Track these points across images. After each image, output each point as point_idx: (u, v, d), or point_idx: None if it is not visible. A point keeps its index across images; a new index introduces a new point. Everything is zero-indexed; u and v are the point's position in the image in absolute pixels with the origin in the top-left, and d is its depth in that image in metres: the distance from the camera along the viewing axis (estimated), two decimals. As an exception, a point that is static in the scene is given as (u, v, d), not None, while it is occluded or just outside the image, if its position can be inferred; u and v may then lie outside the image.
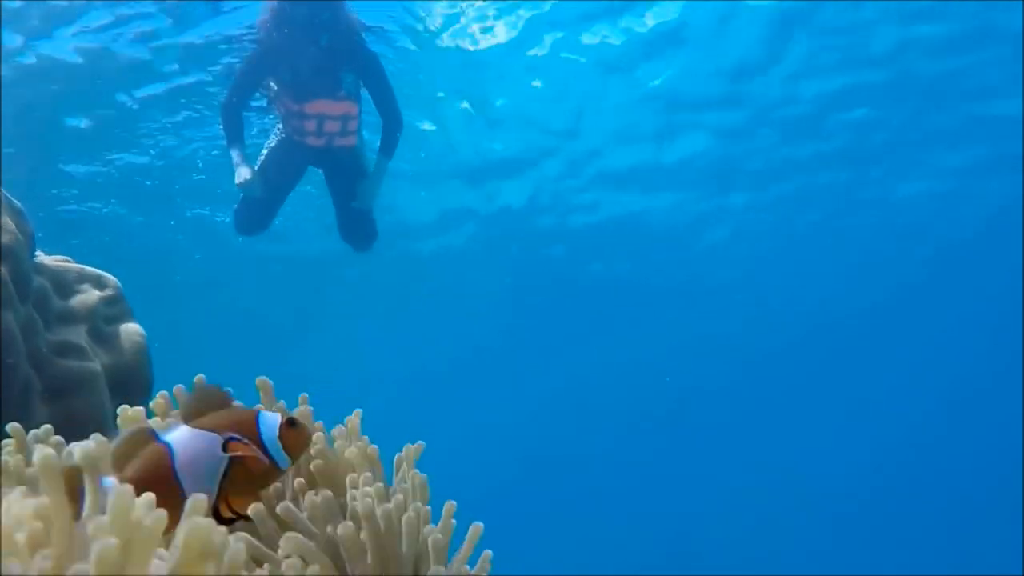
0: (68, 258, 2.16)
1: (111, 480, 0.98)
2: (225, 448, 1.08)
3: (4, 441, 1.25)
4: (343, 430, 1.46)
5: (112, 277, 2.22)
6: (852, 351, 18.52)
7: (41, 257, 2.05)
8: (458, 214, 12.40)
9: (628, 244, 13.53)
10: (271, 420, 1.14)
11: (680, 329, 17.04)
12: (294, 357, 15.97)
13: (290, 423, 1.14)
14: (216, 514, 1.10)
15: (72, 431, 1.81)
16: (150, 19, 7.44)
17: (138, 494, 0.87)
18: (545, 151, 10.79)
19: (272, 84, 5.76)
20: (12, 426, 1.27)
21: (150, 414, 2.16)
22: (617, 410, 20.64)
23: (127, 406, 1.38)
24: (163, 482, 1.02)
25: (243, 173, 5.45)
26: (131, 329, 2.12)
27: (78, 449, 0.91)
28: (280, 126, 6.05)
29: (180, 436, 1.08)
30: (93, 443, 1.09)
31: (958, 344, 18.11)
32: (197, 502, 0.84)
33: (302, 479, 1.36)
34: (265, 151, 6.03)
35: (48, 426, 1.28)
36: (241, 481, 1.10)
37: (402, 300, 14.86)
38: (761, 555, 18.69)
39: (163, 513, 0.81)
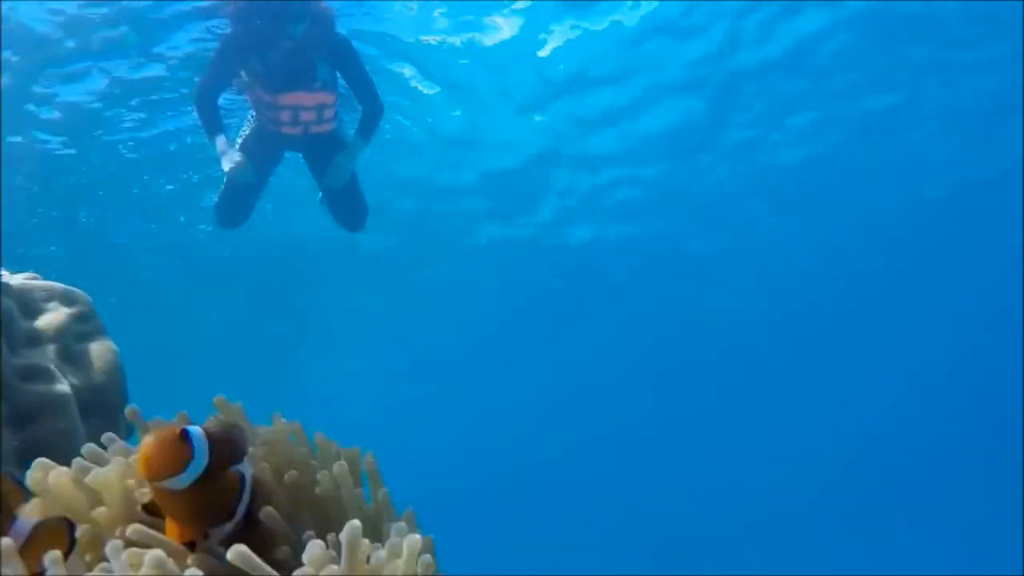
0: (35, 274, 2.08)
1: None
2: None
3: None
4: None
5: (82, 292, 2.14)
6: (849, 346, 18.58)
7: (5, 276, 1.97)
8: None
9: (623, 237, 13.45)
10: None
11: (669, 322, 16.98)
12: (285, 365, 15.77)
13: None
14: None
15: (43, 456, 1.73)
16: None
17: None
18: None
19: (243, 74, 5.62)
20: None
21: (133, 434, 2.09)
22: (612, 408, 20.62)
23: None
24: None
25: (233, 158, 5.30)
26: (103, 347, 2.04)
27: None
28: (253, 113, 5.93)
29: None
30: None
31: (958, 338, 18.18)
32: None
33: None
34: (239, 140, 5.89)
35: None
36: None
37: (399, 298, 14.64)
38: (761, 554, 18.73)
39: None
